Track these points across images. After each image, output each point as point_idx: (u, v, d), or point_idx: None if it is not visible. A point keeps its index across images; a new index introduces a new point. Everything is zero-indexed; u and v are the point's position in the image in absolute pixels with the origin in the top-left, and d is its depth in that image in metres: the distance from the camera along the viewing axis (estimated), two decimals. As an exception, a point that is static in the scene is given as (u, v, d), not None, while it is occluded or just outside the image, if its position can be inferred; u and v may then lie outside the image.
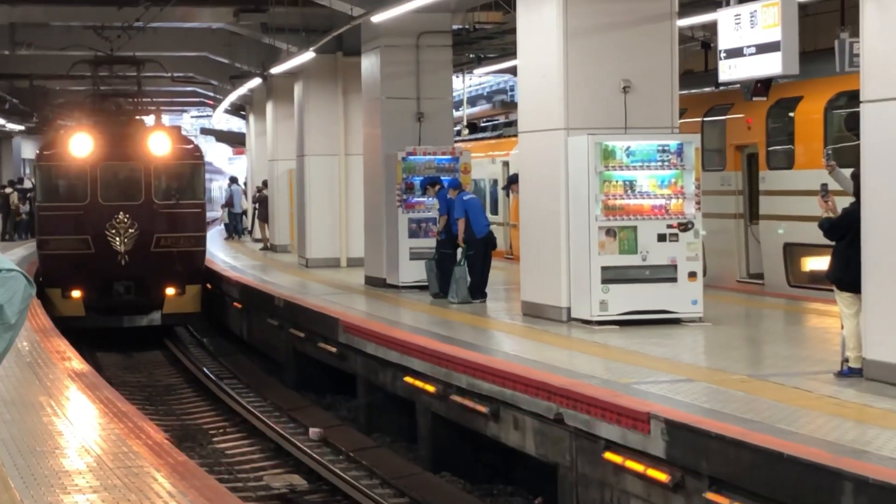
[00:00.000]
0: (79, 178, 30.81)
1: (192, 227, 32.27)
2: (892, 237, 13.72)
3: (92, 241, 30.39)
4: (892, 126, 13.72)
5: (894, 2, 13.58)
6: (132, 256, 30.46)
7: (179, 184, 32.14)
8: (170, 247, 31.12)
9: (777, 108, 24.29)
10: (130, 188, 31.24)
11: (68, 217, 30.80)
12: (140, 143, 31.05)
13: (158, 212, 31.13)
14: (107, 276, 30.51)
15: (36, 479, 10.78)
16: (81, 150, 30.16)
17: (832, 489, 10.26)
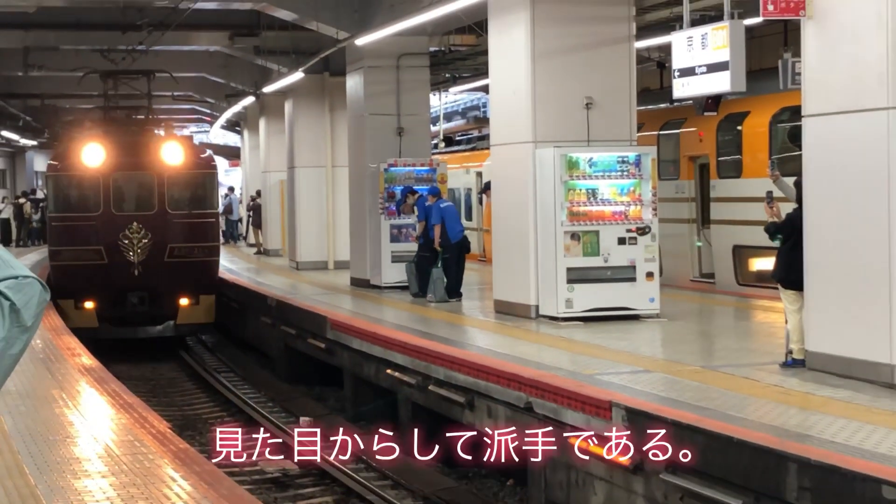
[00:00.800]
0: (91, 188, 27.96)
1: (206, 237, 29.33)
2: (831, 240, 13.77)
3: (105, 251, 27.56)
4: (830, 139, 13.77)
5: (832, 25, 13.62)
6: (145, 267, 27.58)
7: (193, 193, 29.26)
8: (184, 257, 28.24)
9: (726, 123, 24.33)
10: (143, 198, 28.41)
11: (81, 227, 28.00)
12: (153, 152, 28.34)
13: (172, 221, 28.28)
14: (120, 286, 27.70)
15: (49, 466, 10.77)
16: (94, 160, 27.50)
17: (778, 470, 10.31)
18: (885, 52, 12.80)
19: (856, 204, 13.31)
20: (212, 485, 10.04)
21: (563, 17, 19.57)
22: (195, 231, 28.85)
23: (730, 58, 15.48)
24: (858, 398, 12.40)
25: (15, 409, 13.33)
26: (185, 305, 28.39)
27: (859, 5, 13.20)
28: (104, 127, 30.29)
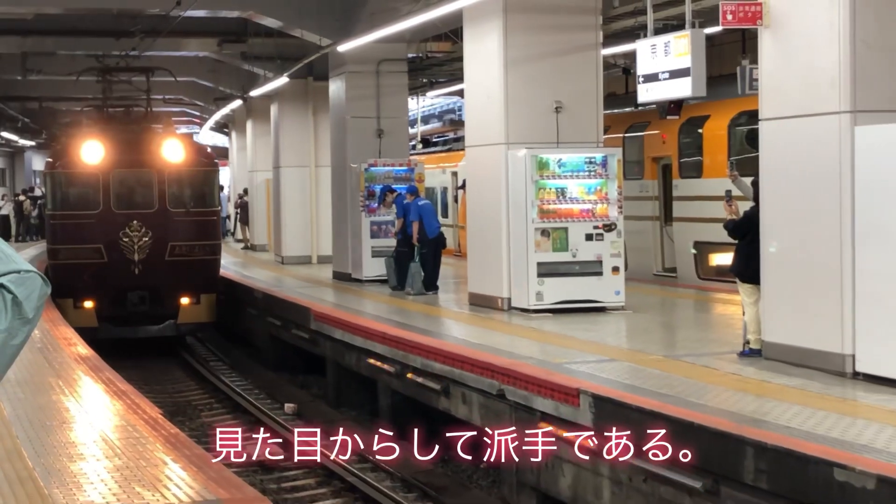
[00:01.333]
0: (91, 186, 25.88)
1: (208, 235, 27.16)
2: (786, 236, 13.82)
3: (105, 249, 25.49)
4: (786, 141, 13.81)
5: (787, 34, 13.66)
6: (146, 265, 25.56)
7: (194, 191, 27.09)
8: (185, 255, 26.21)
9: (688, 126, 24.39)
10: (144, 195, 26.25)
11: (80, 225, 25.90)
12: (153, 149, 26.34)
13: (173, 219, 26.17)
14: (120, 285, 25.59)
15: (46, 450, 10.73)
16: (93, 157, 25.53)
17: (736, 453, 10.33)
18: (837, 59, 12.85)
19: (810, 202, 13.36)
20: (201, 468, 10.02)
21: (534, 26, 19.58)
22: (196, 229, 26.87)
23: (691, 64, 15.51)
24: (812, 386, 12.44)
25: (14, 396, 13.29)
26: (186, 304, 26.42)
27: (813, 15, 13.24)
28: (103, 124, 28.39)
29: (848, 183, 12.71)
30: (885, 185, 12.27)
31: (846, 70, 12.78)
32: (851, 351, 12.81)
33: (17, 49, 32.60)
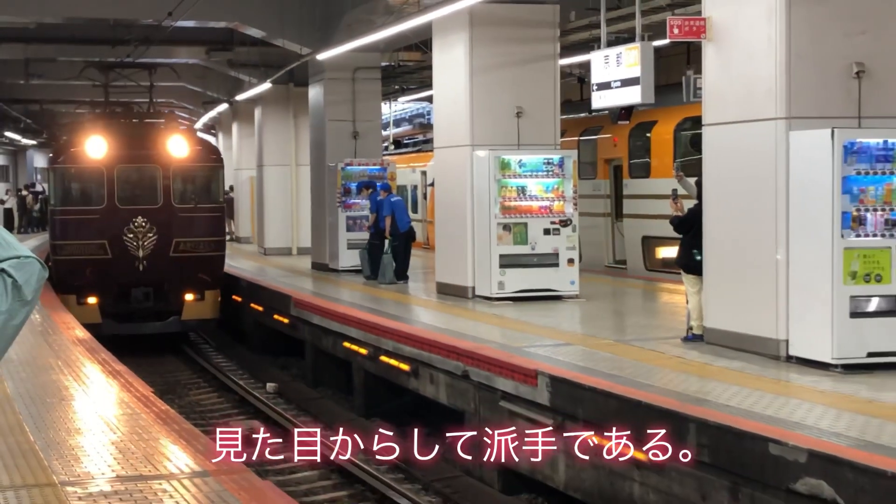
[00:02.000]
0: (95, 182, 23.89)
1: (212, 231, 24.96)
2: (726, 232, 13.88)
3: (109, 245, 23.42)
4: (726, 144, 13.87)
5: (728, 46, 13.72)
6: (150, 261, 23.56)
7: (199, 186, 24.90)
8: (189, 251, 24.14)
9: (637, 130, 24.44)
10: (148, 191, 24.17)
11: (84, 221, 23.74)
12: (158, 145, 24.32)
13: (178, 215, 24.08)
14: (124, 281, 23.51)
15: (46, 424, 10.71)
16: (97, 153, 23.53)
17: (681, 429, 10.37)
18: (773, 70, 12.92)
19: (748, 200, 13.43)
20: (189, 441, 10.02)
21: (497, 38, 19.60)
22: (201, 225, 24.65)
23: (640, 74, 15.57)
24: (749, 368, 12.51)
25: (16, 374, 13.24)
26: (191, 301, 24.29)
27: (752, 29, 13.30)
28: (107, 119, 26.25)
29: (783, 183, 12.79)
30: (815, 185, 12.34)
31: (782, 80, 12.85)
32: (785, 336, 12.89)
33: (21, 55, 32.43)
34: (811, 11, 12.89)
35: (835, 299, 12.16)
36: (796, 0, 12.81)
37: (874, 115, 12.90)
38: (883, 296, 12.24)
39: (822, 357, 12.31)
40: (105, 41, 28.86)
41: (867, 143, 12.27)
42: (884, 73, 13.02)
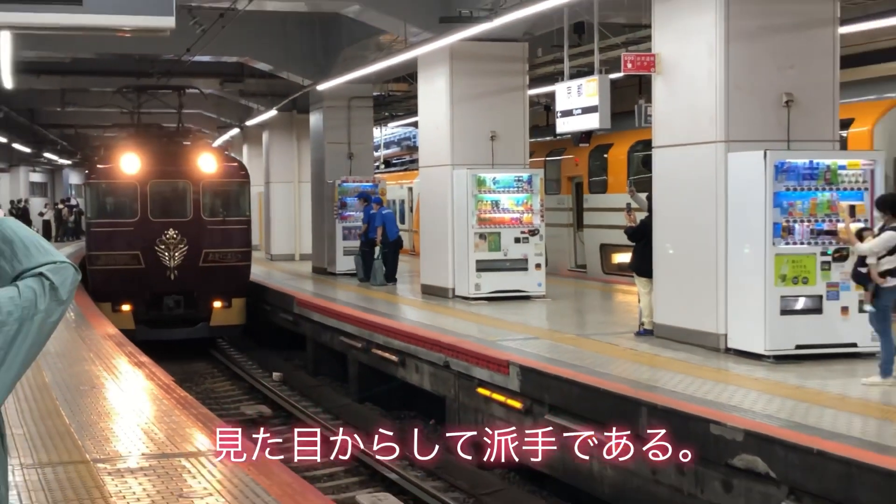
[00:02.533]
0: (129, 196, 22.53)
1: (239, 243, 23.51)
2: (674, 240, 13.93)
3: (142, 256, 22.22)
4: (673, 164, 13.92)
5: (675, 79, 13.77)
6: (181, 271, 22.39)
7: (227, 201, 23.63)
8: (217, 262, 22.87)
9: (596, 152, 24.48)
10: (179, 205, 22.92)
11: (119, 233, 22.50)
12: (188, 161, 23.15)
13: (207, 228, 22.85)
14: (156, 290, 22.39)
15: (80, 409, 10.68)
16: (131, 169, 22.31)
17: (634, 412, 10.41)
18: (714, 99, 12.97)
19: (692, 213, 13.47)
20: (205, 423, 10.00)
21: (474, 71, 19.62)
22: (228, 237, 23.32)
23: (598, 103, 15.62)
24: (693, 359, 12.56)
25: (53, 365, 13.20)
26: (219, 308, 23.05)
27: (695, 64, 13.36)
28: (140, 138, 24.76)
29: (722, 198, 12.84)
30: (750, 200, 12.39)
31: (721, 108, 12.91)
32: (724, 331, 12.93)
33: (57, 86, 32.38)
34: (747, 48, 12.95)
35: (767, 299, 12.20)
36: (734, 38, 12.88)
37: (801, 138, 12.97)
38: (808, 296, 12.29)
39: (756, 349, 12.36)
40: (131, 73, 28.79)
41: (795, 163, 12.33)
42: (809, 103, 13.10)
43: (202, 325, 23.10)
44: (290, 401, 18.28)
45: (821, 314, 12.26)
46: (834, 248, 12.20)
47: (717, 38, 12.90)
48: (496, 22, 15.36)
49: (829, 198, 12.32)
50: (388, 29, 20.89)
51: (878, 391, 10.48)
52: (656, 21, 14.03)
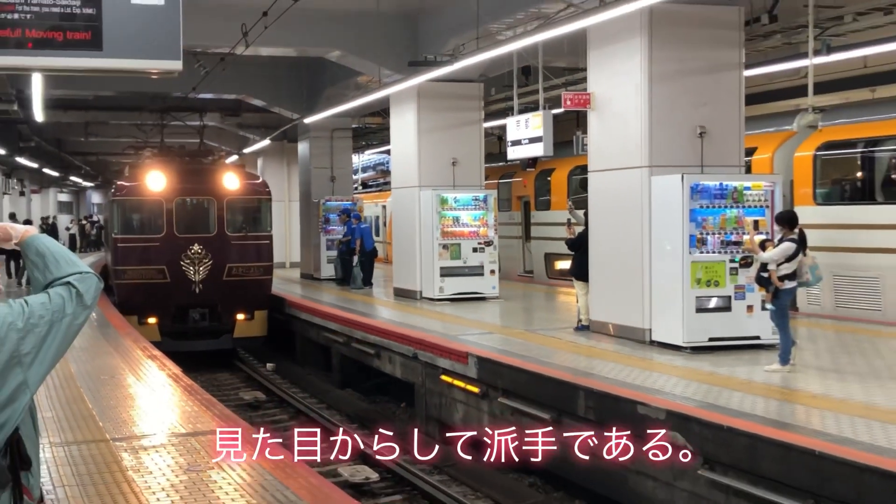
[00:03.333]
0: (155, 212, 20.38)
1: (261, 257, 21.39)
2: (607, 250, 13.98)
3: (168, 270, 20.16)
4: (606, 185, 13.98)
5: (607, 114, 13.83)
6: (206, 285, 20.33)
7: (249, 217, 21.37)
8: (241, 276, 20.78)
9: (541, 175, 24.58)
10: (204, 221, 20.77)
11: (145, 248, 20.35)
12: (212, 179, 20.96)
13: (230, 243, 20.76)
14: (182, 303, 20.26)
15: (101, 395, 10.59)
16: (157, 186, 20.22)
17: (573, 396, 10.44)
18: (639, 131, 13.06)
19: (622, 227, 13.54)
20: (208, 407, 9.95)
21: (437, 107, 19.66)
22: (251, 252, 21.11)
23: (543, 134, 15.70)
24: (623, 350, 12.62)
25: (78, 358, 13.10)
26: (241, 320, 20.91)
27: (624, 102, 13.43)
28: (165, 157, 22.59)
29: (647, 214, 12.92)
30: (670, 216, 12.48)
31: (645, 138, 12.99)
32: (649, 326, 13.01)
33: (82, 120, 32.10)
34: (666, 88, 13.05)
35: (685, 299, 12.28)
36: (656, 80, 12.98)
37: (712, 164, 13.07)
38: (719, 296, 12.38)
39: (675, 341, 12.44)
40: (145, 109, 28.63)
41: (707, 184, 12.43)
42: (718, 134, 13.22)
43: (226, 336, 20.92)
44: (280, 388, 18.20)
45: (730, 312, 12.35)
46: (740, 256, 12.30)
47: (641, 80, 12.99)
48: (456, 66, 15.41)
49: (736, 214, 12.43)
50: (365, 71, 20.90)
51: (778, 377, 10.57)
52: (591, 65, 14.11)
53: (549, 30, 12.66)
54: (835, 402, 9.25)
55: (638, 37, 12.95)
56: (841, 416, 8.66)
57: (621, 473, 9.73)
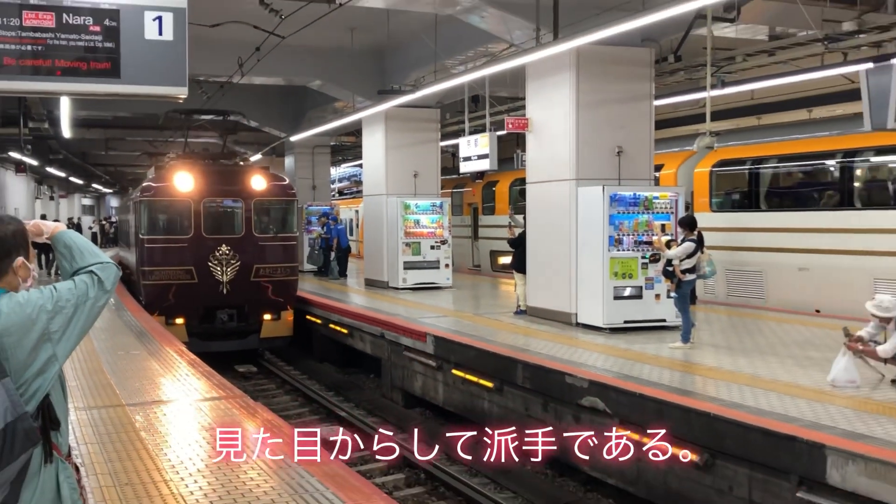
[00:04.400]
0: (183, 213, 17.47)
1: (288, 258, 18.17)
2: (541, 248, 14.01)
3: (196, 271, 17.28)
4: (541, 195, 14.00)
5: (542, 135, 13.86)
6: (233, 285, 17.38)
7: (276, 218, 18.28)
8: (268, 276, 17.78)
9: (487, 186, 24.63)
10: (231, 222, 17.87)
11: (173, 249, 17.40)
12: (239, 181, 17.98)
13: (258, 244, 17.74)
14: (209, 303, 17.35)
15: (121, 369, 10.44)
16: (186, 188, 17.34)
17: (513, 368, 10.47)
18: (568, 150, 13.12)
19: (553, 229, 13.59)
20: (208, 378, 9.86)
21: (402, 129, 19.62)
22: (278, 253, 17.92)
23: (489, 151, 15.72)
24: (553, 330, 12.66)
25: (98, 336, 12.90)
26: (268, 320, 17.88)
27: (555, 126, 13.49)
28: (191, 159, 19.38)
29: (574, 218, 12.98)
30: (592, 220, 12.55)
31: (573, 156, 13.06)
32: (575, 311, 13.08)
33: (102, 136, 31.64)
34: (590, 115, 13.12)
35: (604, 288, 12.37)
36: (582, 108, 13.04)
37: (627, 178, 13.17)
38: (633, 286, 12.47)
39: (597, 323, 12.52)
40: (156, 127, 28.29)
41: (623, 194, 12.52)
42: (632, 153, 13.32)
43: (252, 336, 17.83)
44: (269, 361, 18.06)
45: (641, 299, 12.44)
46: (650, 253, 12.41)
47: (570, 108, 13.06)
48: (417, 94, 15.39)
49: (646, 219, 12.51)
50: (341, 97, 20.82)
51: (681, 352, 10.68)
52: (529, 94, 14.15)
53: (494, 65, 12.69)
54: (726, 373, 9.34)
55: (567, 72, 13.01)
56: (731, 384, 8.77)
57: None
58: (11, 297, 2.69)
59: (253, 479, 6.00)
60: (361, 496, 5.76)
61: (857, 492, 6.30)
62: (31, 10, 5.85)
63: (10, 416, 2.47)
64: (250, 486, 5.81)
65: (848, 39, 12.15)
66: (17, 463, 2.50)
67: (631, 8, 11.46)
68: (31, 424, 2.54)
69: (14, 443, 2.46)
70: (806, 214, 14.72)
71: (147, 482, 5.91)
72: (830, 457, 6.49)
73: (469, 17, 13.61)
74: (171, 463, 6.35)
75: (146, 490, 5.75)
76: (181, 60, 6.12)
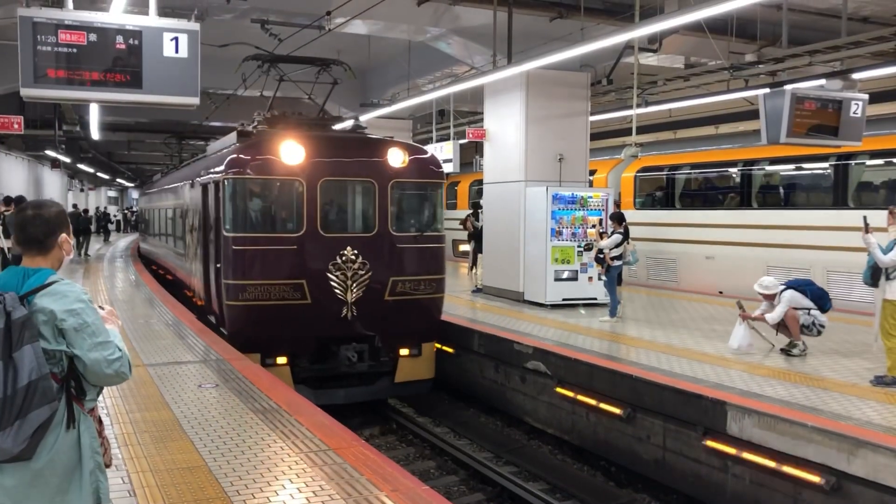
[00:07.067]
0: (289, 200, 9.25)
1: (435, 269, 9.87)
2: (496, 237, 13.96)
3: (308, 286, 9.06)
4: (497, 194, 13.96)
5: (497, 143, 13.82)
6: (361, 308, 9.22)
7: (421, 209, 10.01)
8: (408, 294, 9.60)
9: (451, 186, 24.52)
10: (361, 215, 9.59)
11: (274, 253, 9.04)
12: (368, 154, 9.57)
13: (397, 247, 9.50)
14: (327, 334, 9.22)
15: (138, 333, 10.27)
16: (293, 160, 9.06)
17: (469, 337, 10.42)
18: (518, 156, 13.11)
19: (507, 222, 13.57)
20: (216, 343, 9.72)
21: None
22: (423, 259, 9.83)
23: (453, 157, 15.65)
24: (505, 306, 12.63)
25: (120, 307, 12.65)
26: (405, 356, 9.91)
27: (508, 135, 13.46)
28: (298, 123, 10.80)
29: (523, 213, 12.97)
30: (538, 215, 12.54)
31: (523, 161, 13.05)
32: (523, 290, 13.09)
33: (125, 138, 31.05)
34: (537, 128, 13.12)
35: (547, 271, 12.39)
36: (530, 121, 13.04)
37: (567, 180, 13.20)
38: (570, 270, 12.51)
39: (540, 300, 12.53)
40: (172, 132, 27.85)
41: (563, 194, 12.54)
42: (572, 159, 13.34)
43: (384, 381, 9.89)
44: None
45: (577, 281, 12.46)
46: (584, 243, 12.48)
47: (521, 121, 13.04)
48: (393, 107, 15.28)
49: (582, 215, 12.54)
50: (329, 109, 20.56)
51: (609, 325, 10.74)
52: (486, 109, 14.10)
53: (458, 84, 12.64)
54: (646, 342, 9.39)
55: (519, 91, 12.98)
56: (650, 352, 8.83)
57: (500, 391, 9.79)
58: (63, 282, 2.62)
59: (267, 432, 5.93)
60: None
61: (751, 440, 6.42)
62: (65, 30, 5.80)
63: (35, 375, 2.46)
64: (262, 436, 5.75)
65: (749, 69, 12.33)
66: (41, 413, 2.46)
67: (572, 39, 11.49)
68: (50, 384, 2.50)
69: (34, 397, 2.46)
70: (712, 213, 14.91)
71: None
72: (730, 412, 6.60)
73: (438, 43, 13.54)
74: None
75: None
76: (194, 74, 6.08)
